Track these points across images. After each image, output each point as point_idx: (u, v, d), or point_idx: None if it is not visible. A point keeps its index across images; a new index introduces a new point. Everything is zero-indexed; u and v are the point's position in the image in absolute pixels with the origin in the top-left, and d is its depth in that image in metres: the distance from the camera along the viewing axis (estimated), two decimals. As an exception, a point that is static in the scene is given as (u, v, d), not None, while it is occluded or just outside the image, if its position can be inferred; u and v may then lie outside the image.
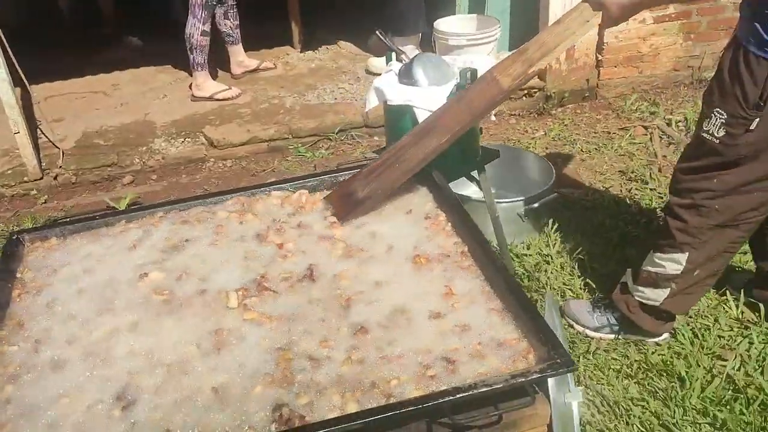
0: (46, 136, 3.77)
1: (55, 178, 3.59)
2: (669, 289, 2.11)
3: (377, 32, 2.43)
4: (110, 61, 4.77)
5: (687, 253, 2.04)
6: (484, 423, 1.37)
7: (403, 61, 2.30)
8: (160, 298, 1.59)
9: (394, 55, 2.36)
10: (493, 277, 1.59)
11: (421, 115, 2.16)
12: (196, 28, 3.97)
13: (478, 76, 2.09)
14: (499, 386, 1.28)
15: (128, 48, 5.22)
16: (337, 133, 3.84)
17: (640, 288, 2.18)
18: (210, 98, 4.17)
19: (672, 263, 2.08)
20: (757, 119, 1.79)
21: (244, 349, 1.40)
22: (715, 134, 1.88)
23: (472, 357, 1.37)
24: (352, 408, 1.25)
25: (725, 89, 1.85)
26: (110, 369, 1.40)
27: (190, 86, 4.27)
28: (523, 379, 1.30)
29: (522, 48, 1.96)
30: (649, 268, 2.15)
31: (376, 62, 4.45)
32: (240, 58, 4.48)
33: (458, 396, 1.26)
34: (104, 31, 5.47)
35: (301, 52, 4.97)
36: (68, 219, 1.96)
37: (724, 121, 1.85)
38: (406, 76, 2.21)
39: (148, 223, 1.91)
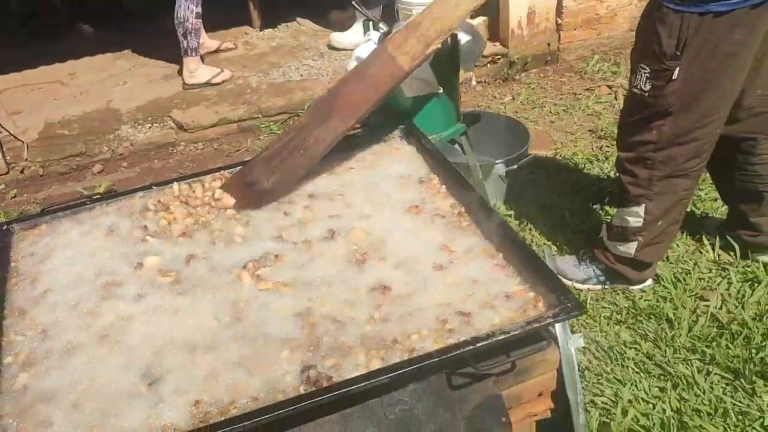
0: (6, 130, 3.66)
1: (22, 171, 3.49)
2: (636, 242, 2.21)
3: (353, 2, 2.42)
4: (64, 50, 4.63)
5: (643, 205, 2.14)
6: (500, 371, 1.43)
7: (381, 30, 2.31)
8: (167, 279, 1.59)
9: (371, 24, 2.37)
10: (492, 234, 1.64)
11: (405, 85, 2.18)
12: (189, 11, 3.78)
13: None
14: (516, 333, 1.33)
15: (81, 36, 5.06)
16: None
17: (613, 242, 2.29)
18: (206, 84, 4.03)
19: (632, 217, 2.18)
20: (677, 69, 1.90)
21: (265, 317, 1.42)
22: (643, 88, 1.99)
23: (484, 309, 1.42)
24: (376, 365, 1.28)
25: (646, 44, 1.96)
26: (129, 350, 1.40)
27: (177, 73, 4.15)
28: (538, 324, 1.36)
29: (414, 22, 1.87)
30: (616, 224, 2.26)
31: (339, 37, 4.44)
32: (201, 39, 4.39)
33: (479, 345, 1.30)
34: (55, 20, 5.30)
35: (260, 30, 4.91)
36: (56, 206, 1.92)
37: (648, 75, 1.96)
38: (385, 44, 2.22)
39: (139, 205, 1.89)
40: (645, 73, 1.97)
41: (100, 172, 3.51)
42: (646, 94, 1.99)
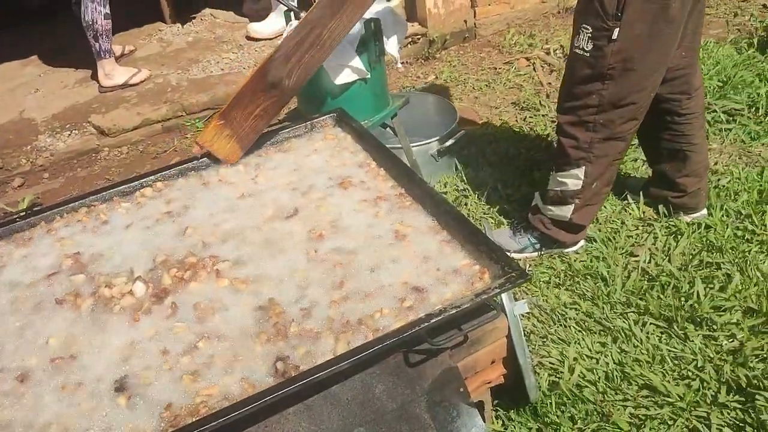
0: None
1: (-65, 192, 3.31)
2: (573, 204, 2.31)
3: (273, -7, 2.40)
4: (-35, 61, 4.38)
5: (584, 167, 2.23)
6: (454, 344, 1.48)
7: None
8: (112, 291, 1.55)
9: (293, 14, 2.36)
10: (435, 212, 1.69)
11: (334, 73, 2.20)
12: (98, 12, 3.63)
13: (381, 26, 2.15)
14: (467, 306, 1.39)
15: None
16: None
17: (549, 207, 2.37)
18: (123, 86, 3.89)
19: (572, 179, 2.27)
20: (617, 29, 1.98)
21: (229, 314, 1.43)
22: (585, 48, 2.07)
23: (436, 285, 1.47)
24: (342, 349, 1.31)
25: (588, 4, 2.03)
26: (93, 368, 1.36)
27: (92, 77, 3.98)
28: (486, 296, 1.41)
29: None
30: (554, 188, 2.34)
31: (257, 27, 4.37)
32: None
33: (433, 321, 1.35)
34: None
35: (174, 26, 4.78)
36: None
37: (590, 35, 2.04)
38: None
39: (71, 219, 1.84)
40: (587, 33, 2.03)
41: (21, 185, 3.36)
42: (588, 54, 2.05)
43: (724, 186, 2.64)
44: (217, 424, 1.17)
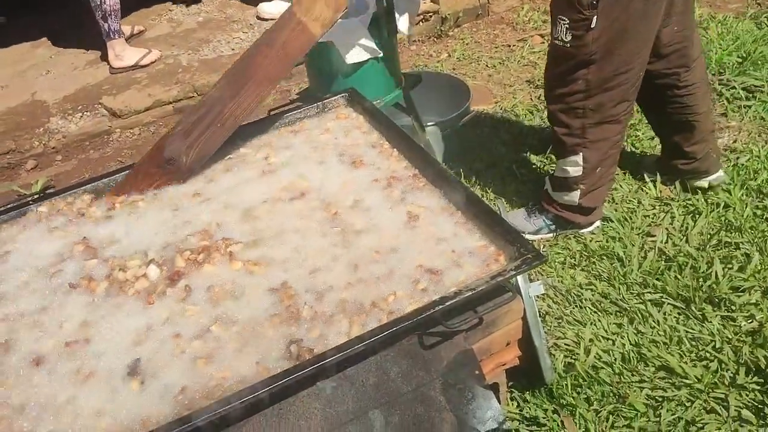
0: (-73, 134, 3.46)
1: (-51, 175, 3.32)
2: (579, 190, 2.29)
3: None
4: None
5: (581, 154, 2.21)
6: (469, 326, 1.47)
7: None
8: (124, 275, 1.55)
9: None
10: (449, 192, 1.67)
11: (345, 51, 2.17)
12: None
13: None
14: (482, 288, 1.37)
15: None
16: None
17: (557, 193, 2.36)
18: (134, 67, 3.87)
19: (572, 166, 2.25)
20: (595, 17, 1.95)
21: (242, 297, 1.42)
22: (564, 39, 2.04)
23: (451, 267, 1.45)
24: (356, 331, 1.30)
25: None
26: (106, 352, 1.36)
27: (102, 58, 3.95)
28: (502, 278, 1.39)
29: None
30: (558, 175, 2.33)
31: (267, 7, 4.33)
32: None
33: (448, 304, 1.33)
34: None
35: (184, 6, 4.74)
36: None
37: (568, 26, 2.01)
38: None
39: (82, 204, 1.84)
40: (564, 24, 2.01)
41: (34, 168, 3.36)
42: (568, 44, 2.03)
43: (743, 164, 2.60)
44: (231, 407, 1.17)
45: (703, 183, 2.48)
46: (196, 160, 1.78)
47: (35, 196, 1.87)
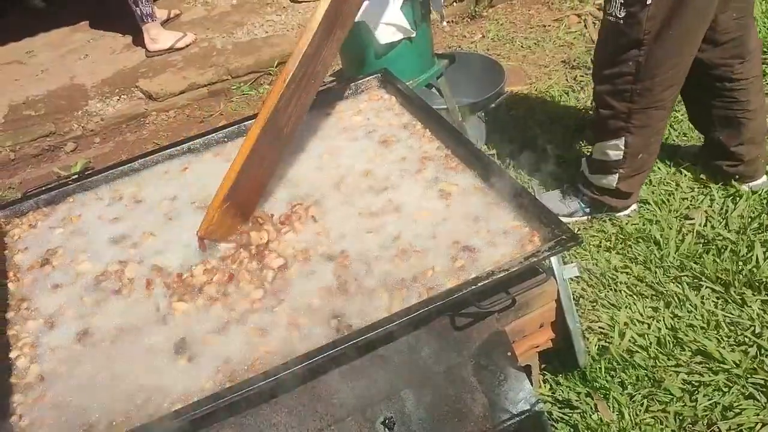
0: (-30, 116, 3.55)
1: (-8, 157, 3.41)
2: (617, 174, 2.24)
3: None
4: (17, 28, 4.46)
5: (623, 138, 2.15)
6: (501, 308, 1.46)
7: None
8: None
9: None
10: (482, 173, 1.65)
11: (378, 32, 2.15)
12: None
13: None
14: (516, 269, 1.36)
15: (32, 11, 4.87)
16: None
17: (595, 176, 2.31)
18: (169, 50, 3.91)
19: (613, 150, 2.19)
20: None
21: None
22: (618, 15, 1.97)
23: (487, 246, 1.45)
24: (397, 306, 1.32)
25: None
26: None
27: (139, 42, 4.01)
28: (536, 259, 1.38)
29: None
30: (596, 157, 2.27)
31: (301, -11, 4.33)
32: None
33: (480, 285, 1.33)
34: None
35: (218, -11, 4.76)
36: (40, 188, 1.89)
37: (623, 2, 1.94)
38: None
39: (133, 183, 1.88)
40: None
41: (74, 150, 3.43)
42: (621, 21, 1.96)
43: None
44: (266, 382, 1.19)
45: (744, 187, 2.38)
46: (293, 129, 1.73)
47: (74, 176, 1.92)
